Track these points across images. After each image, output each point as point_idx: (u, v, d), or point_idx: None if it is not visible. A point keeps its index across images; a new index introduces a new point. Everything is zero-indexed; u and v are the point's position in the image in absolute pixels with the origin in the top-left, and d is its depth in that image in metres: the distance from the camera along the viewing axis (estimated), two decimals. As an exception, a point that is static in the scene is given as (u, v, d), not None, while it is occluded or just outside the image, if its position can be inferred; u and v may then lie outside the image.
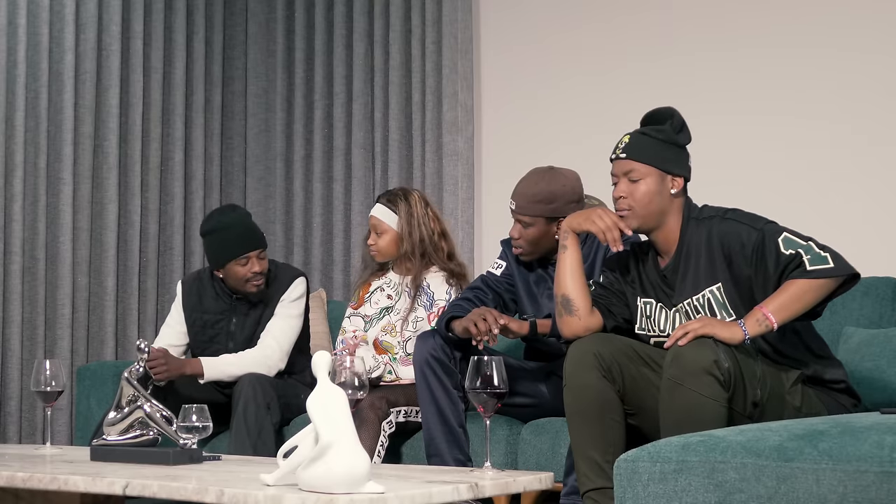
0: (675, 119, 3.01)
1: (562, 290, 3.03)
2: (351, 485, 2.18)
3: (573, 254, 3.04)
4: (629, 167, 2.96)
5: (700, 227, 2.95)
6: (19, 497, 3.09)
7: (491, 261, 4.28)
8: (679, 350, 2.68)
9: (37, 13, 5.02)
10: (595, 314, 3.02)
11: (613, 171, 3.01)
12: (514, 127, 5.00)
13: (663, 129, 2.98)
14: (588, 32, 4.82)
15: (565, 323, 3.02)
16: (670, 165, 2.97)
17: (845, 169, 4.19)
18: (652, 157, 2.96)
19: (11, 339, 4.89)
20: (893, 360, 3.39)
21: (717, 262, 2.89)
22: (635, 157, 2.96)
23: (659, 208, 2.95)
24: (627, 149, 2.98)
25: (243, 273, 4.05)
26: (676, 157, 2.99)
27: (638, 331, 3.05)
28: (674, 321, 2.97)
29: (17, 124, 4.93)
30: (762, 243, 2.83)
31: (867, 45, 4.17)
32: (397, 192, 4.12)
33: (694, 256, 2.93)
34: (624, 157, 2.98)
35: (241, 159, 5.79)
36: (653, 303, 3.02)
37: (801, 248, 2.79)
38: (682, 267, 2.95)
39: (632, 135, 3.01)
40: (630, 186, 2.96)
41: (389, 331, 4.04)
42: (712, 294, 2.89)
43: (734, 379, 2.66)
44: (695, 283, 2.92)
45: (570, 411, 2.90)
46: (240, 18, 5.82)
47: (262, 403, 3.79)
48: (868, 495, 1.81)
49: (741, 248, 2.85)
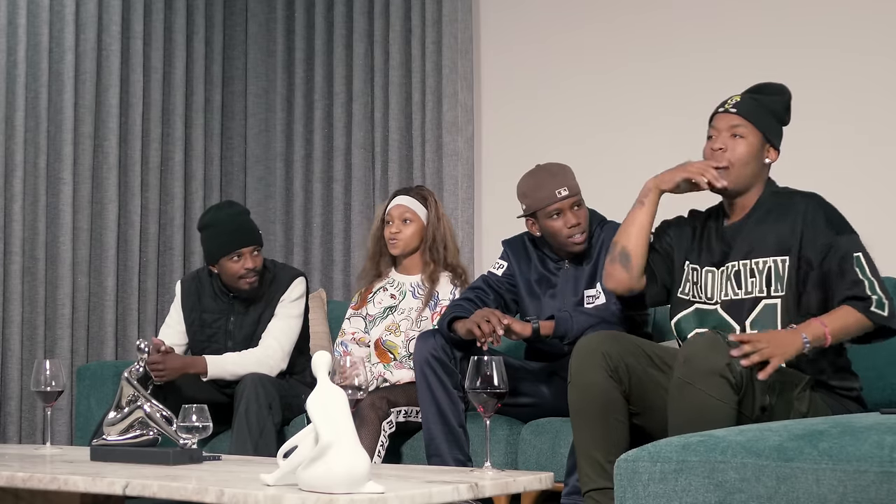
0: (786, 96, 3.01)
1: (625, 241, 3.01)
2: (351, 485, 2.18)
3: (649, 211, 3.01)
4: (737, 122, 2.95)
5: (781, 198, 2.94)
6: (19, 497, 3.09)
7: (491, 261, 4.29)
8: (692, 351, 2.65)
9: (37, 13, 5.03)
10: (642, 277, 3.03)
11: (716, 125, 2.98)
12: (514, 127, 5.00)
13: (774, 100, 2.99)
14: (588, 32, 4.82)
15: (615, 274, 3.02)
16: (773, 135, 2.98)
17: (846, 169, 4.18)
18: (760, 121, 2.96)
19: (11, 339, 4.89)
20: (893, 360, 3.39)
21: (794, 237, 2.87)
22: (746, 115, 2.95)
23: (753, 172, 2.95)
24: (739, 105, 2.96)
25: (236, 269, 4.06)
26: (778, 130, 3.00)
27: (680, 294, 3.03)
28: (720, 284, 2.95)
29: (17, 124, 4.93)
30: (840, 250, 2.82)
31: (868, 45, 4.17)
32: (423, 189, 4.18)
33: (766, 222, 2.92)
34: (735, 111, 2.96)
35: (241, 159, 5.79)
36: (699, 268, 3.00)
37: (868, 280, 2.79)
38: (748, 228, 2.94)
39: (743, 96, 3.00)
40: (732, 141, 2.94)
41: (393, 330, 4.04)
42: (774, 264, 2.87)
43: (745, 382, 2.64)
44: (758, 246, 2.90)
45: (574, 409, 2.88)
46: (240, 18, 5.82)
47: (265, 404, 3.80)
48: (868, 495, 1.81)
49: (819, 239, 2.84)
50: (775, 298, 2.87)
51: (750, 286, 2.90)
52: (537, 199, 3.60)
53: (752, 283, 2.90)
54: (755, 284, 2.89)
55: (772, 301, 2.87)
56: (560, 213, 3.59)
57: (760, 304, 2.88)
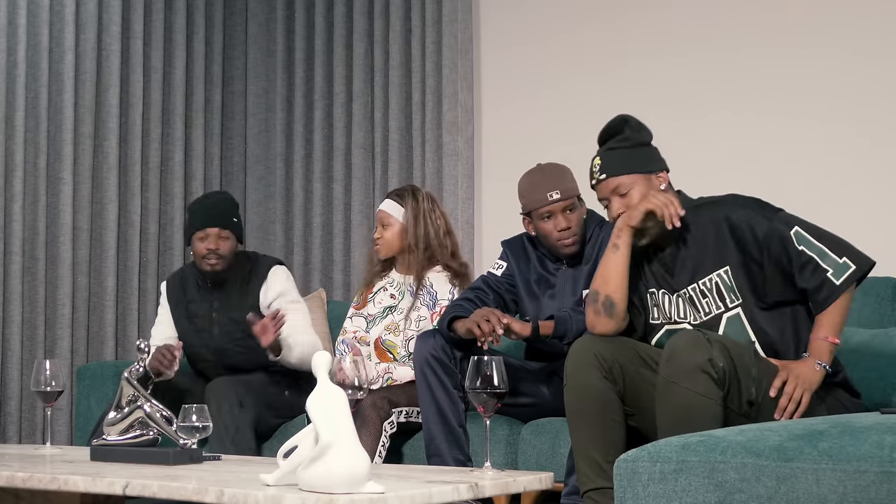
0: (630, 122, 3.05)
1: (607, 290, 2.99)
2: (351, 485, 2.18)
3: (624, 254, 2.99)
4: (614, 184, 2.99)
5: (700, 213, 2.96)
6: (19, 497, 3.09)
7: (490, 261, 4.28)
8: (673, 349, 2.69)
9: (37, 13, 5.02)
10: (627, 316, 3.04)
11: (601, 196, 3.03)
12: (514, 127, 5.00)
13: (626, 137, 3.02)
14: (589, 32, 4.82)
15: (601, 323, 3.00)
16: (649, 164, 3.01)
17: (845, 168, 4.18)
18: (630, 166, 2.99)
19: (11, 339, 4.89)
20: (893, 360, 3.39)
21: (728, 245, 2.90)
22: (615, 172, 2.99)
23: None
24: (603, 168, 3.01)
25: (200, 249, 4.15)
26: (650, 156, 3.03)
27: (652, 321, 3.05)
28: (678, 307, 2.97)
29: (17, 124, 4.93)
30: (777, 236, 2.85)
31: (869, 46, 4.16)
32: (406, 188, 4.18)
33: (696, 242, 2.94)
34: (604, 177, 3.00)
35: (241, 159, 5.79)
36: (655, 291, 3.03)
37: (817, 251, 2.81)
38: (681, 254, 2.96)
39: (600, 155, 3.04)
40: (623, 200, 2.98)
41: (393, 330, 4.04)
42: (720, 277, 2.91)
43: (729, 377, 2.67)
44: (698, 268, 2.93)
45: (571, 411, 2.90)
46: (240, 18, 5.82)
47: (235, 402, 3.84)
48: (868, 495, 1.81)
49: (752, 234, 2.86)
50: (735, 308, 2.91)
51: (706, 306, 2.94)
52: (531, 200, 3.61)
53: (708, 303, 2.94)
54: (710, 304, 2.94)
55: (732, 312, 2.91)
56: (551, 215, 3.58)
57: (723, 318, 2.92)
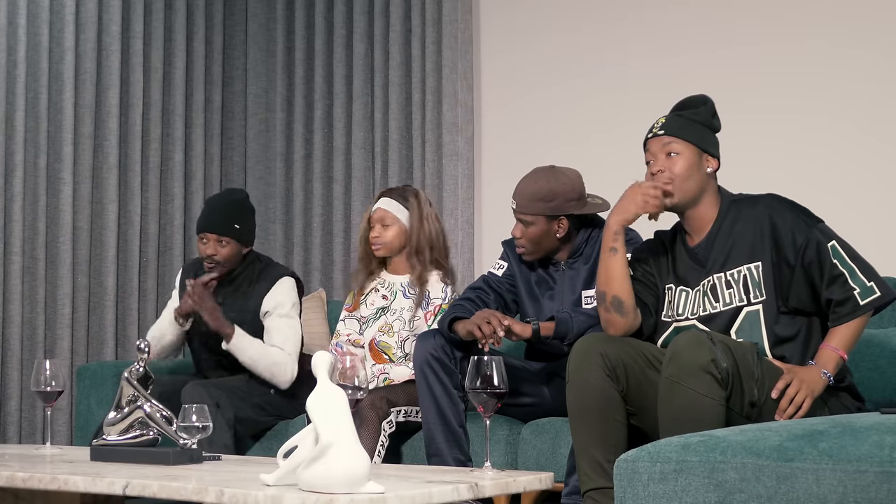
0: (709, 105, 3.05)
1: (614, 291, 3.00)
2: (351, 485, 2.18)
3: (622, 255, 3.01)
4: (668, 140, 2.98)
5: (741, 206, 2.97)
6: (19, 497, 3.09)
7: (491, 261, 4.28)
8: (677, 349, 2.68)
9: (37, 13, 5.03)
10: (638, 312, 3.04)
11: (650, 150, 3.02)
12: (514, 127, 5.00)
13: (699, 112, 3.02)
14: (588, 32, 4.82)
15: (613, 322, 3.01)
16: (706, 144, 3.00)
17: (845, 168, 4.19)
18: (690, 135, 2.99)
19: (11, 339, 4.89)
20: (893, 360, 3.39)
21: (765, 241, 2.90)
22: (674, 133, 2.98)
23: (697, 185, 2.97)
24: (666, 126, 3.00)
25: (201, 250, 4.16)
26: (711, 139, 3.03)
27: (663, 318, 3.05)
28: (693, 302, 2.98)
29: (17, 124, 4.93)
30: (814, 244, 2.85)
31: (870, 46, 4.17)
32: (407, 188, 4.13)
33: (732, 233, 2.94)
34: (662, 133, 2.99)
35: (241, 159, 5.79)
36: (673, 287, 3.03)
37: (848, 269, 2.83)
38: (716, 243, 2.96)
39: (667, 116, 3.04)
40: (668, 161, 2.97)
41: (386, 331, 4.03)
42: (749, 271, 2.90)
43: (732, 378, 2.66)
44: (730, 258, 2.93)
45: (573, 409, 2.89)
46: (240, 18, 5.82)
47: (211, 403, 3.80)
48: (868, 495, 1.81)
49: (792, 237, 2.87)
50: (756, 305, 2.90)
51: (728, 297, 2.93)
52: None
53: (731, 294, 2.93)
54: (734, 295, 2.93)
55: (753, 308, 2.90)
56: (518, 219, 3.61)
57: (742, 312, 2.91)
